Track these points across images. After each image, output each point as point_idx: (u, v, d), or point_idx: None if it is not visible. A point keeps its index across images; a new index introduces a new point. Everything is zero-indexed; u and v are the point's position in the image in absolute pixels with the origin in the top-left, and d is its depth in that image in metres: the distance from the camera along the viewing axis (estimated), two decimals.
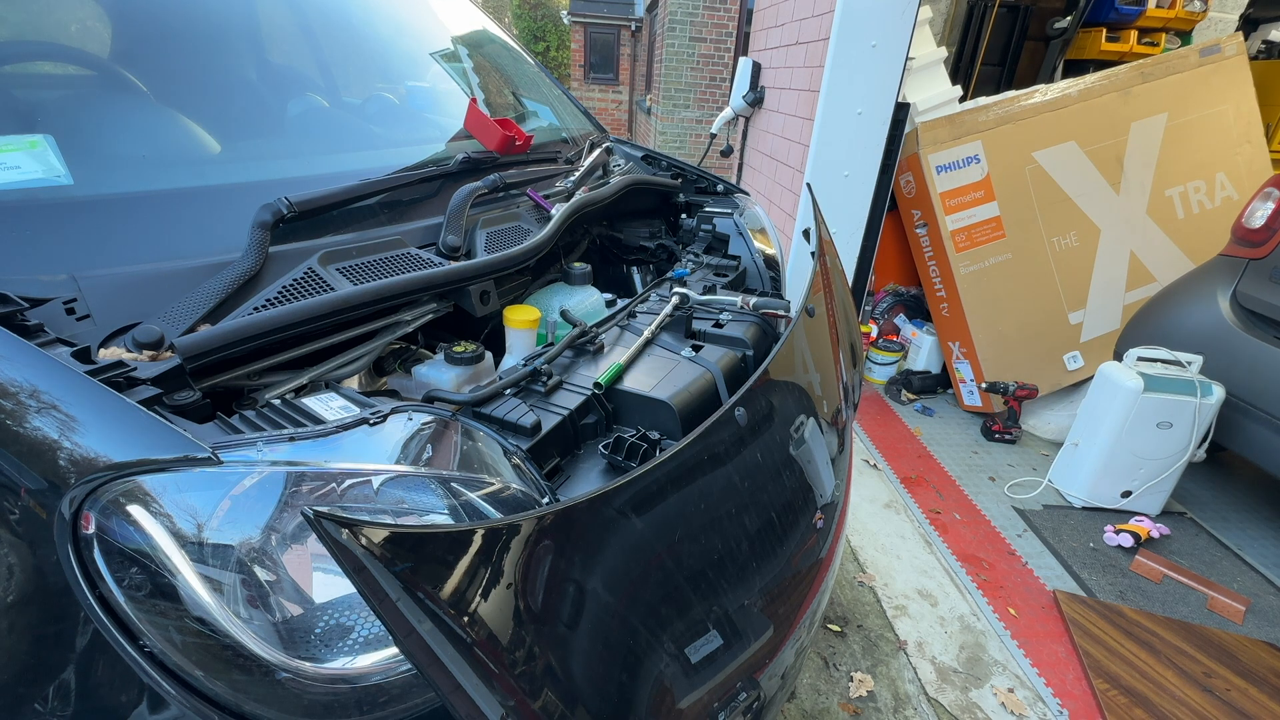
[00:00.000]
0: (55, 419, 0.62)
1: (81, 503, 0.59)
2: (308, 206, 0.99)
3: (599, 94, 13.35)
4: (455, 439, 0.81)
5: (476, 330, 1.36)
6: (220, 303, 0.85)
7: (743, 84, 4.02)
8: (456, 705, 0.55)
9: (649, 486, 0.77)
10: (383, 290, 0.96)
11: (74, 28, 1.11)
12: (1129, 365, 2.38)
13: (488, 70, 1.89)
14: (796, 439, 1.07)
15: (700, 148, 8.89)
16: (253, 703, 0.60)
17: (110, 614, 0.59)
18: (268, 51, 1.37)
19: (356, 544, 0.48)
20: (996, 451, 2.92)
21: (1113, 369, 2.38)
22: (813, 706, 1.67)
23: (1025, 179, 3.01)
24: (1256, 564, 2.29)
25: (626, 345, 1.15)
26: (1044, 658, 1.84)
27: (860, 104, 2.80)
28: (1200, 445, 2.28)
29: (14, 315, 0.70)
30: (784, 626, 0.97)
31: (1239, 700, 1.70)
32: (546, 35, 16.33)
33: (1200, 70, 3.05)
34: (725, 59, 8.76)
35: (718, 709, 0.81)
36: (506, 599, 0.60)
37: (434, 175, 1.25)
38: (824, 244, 1.40)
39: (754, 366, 1.17)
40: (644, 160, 1.92)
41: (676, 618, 0.78)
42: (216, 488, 0.61)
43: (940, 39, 4.35)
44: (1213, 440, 2.29)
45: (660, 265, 1.78)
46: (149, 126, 1.06)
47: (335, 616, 0.63)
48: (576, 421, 0.96)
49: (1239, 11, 4.65)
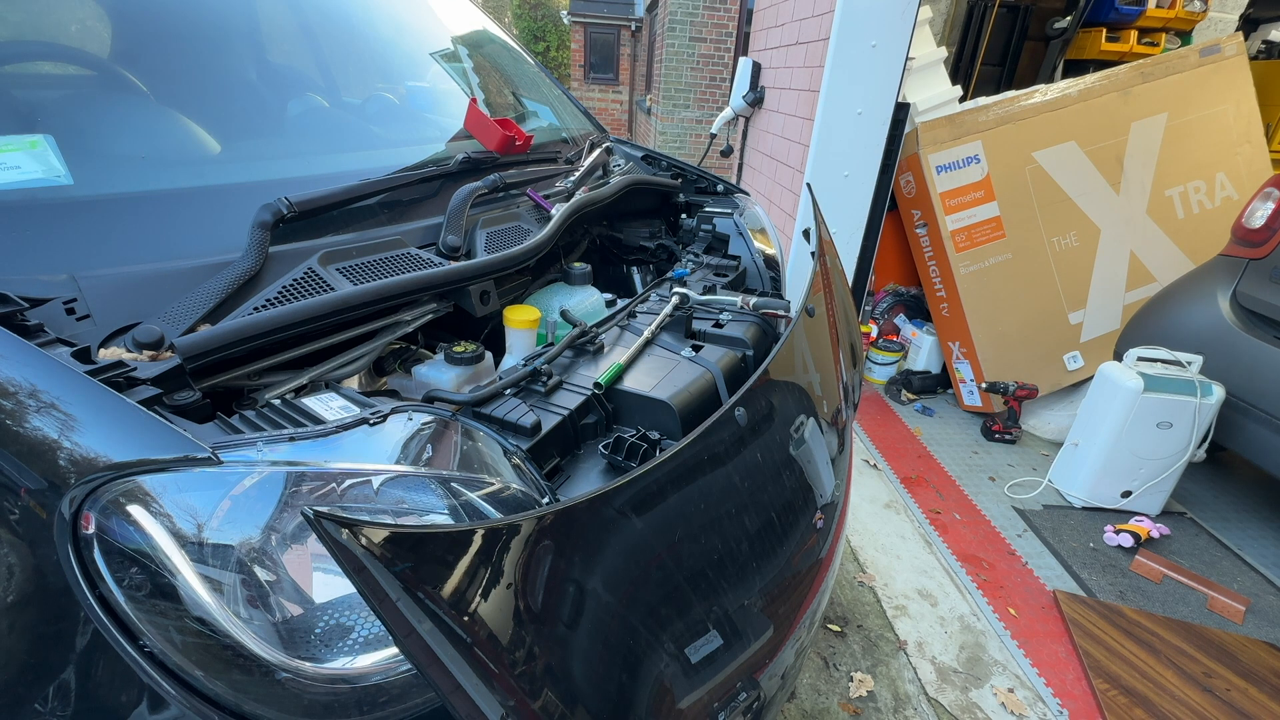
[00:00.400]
0: (55, 419, 0.62)
1: (81, 503, 0.59)
2: (308, 206, 0.99)
3: (599, 94, 13.35)
4: (455, 439, 0.81)
5: (476, 330, 1.36)
6: (220, 303, 0.85)
7: (743, 84, 4.02)
8: (456, 705, 0.55)
9: (649, 486, 0.77)
10: (383, 290, 0.96)
11: (74, 28, 1.11)
12: (1129, 365, 2.38)
13: (488, 70, 1.89)
14: (796, 439, 1.07)
15: (700, 148, 8.89)
16: (253, 703, 0.60)
17: (110, 614, 0.59)
18: (268, 51, 1.37)
19: (356, 544, 0.48)
20: (996, 451, 2.92)
21: (1113, 369, 2.38)
22: (813, 706, 1.67)
23: (1025, 179, 3.01)
24: (1256, 564, 2.29)
25: (626, 345, 1.15)
26: (1044, 658, 1.84)
27: (860, 104, 2.80)
28: (1200, 445, 2.28)
29: (14, 315, 0.70)
30: (784, 626, 0.97)
31: (1239, 700, 1.70)
32: (546, 35, 16.33)
33: (1200, 70, 3.05)
34: (725, 59, 8.76)
35: (718, 709, 0.81)
36: (506, 599, 0.60)
37: (434, 175, 1.25)
38: (824, 244, 1.40)
39: (754, 366, 1.17)
40: (644, 160, 1.92)
41: (676, 618, 0.78)
42: (216, 488, 0.61)
43: (940, 39, 4.35)
44: (1213, 440, 2.29)
45: (660, 265, 1.78)
46: (149, 126, 1.06)
47: (335, 616, 0.63)
48: (576, 421, 0.96)
49: (1239, 11, 4.65)
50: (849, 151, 2.88)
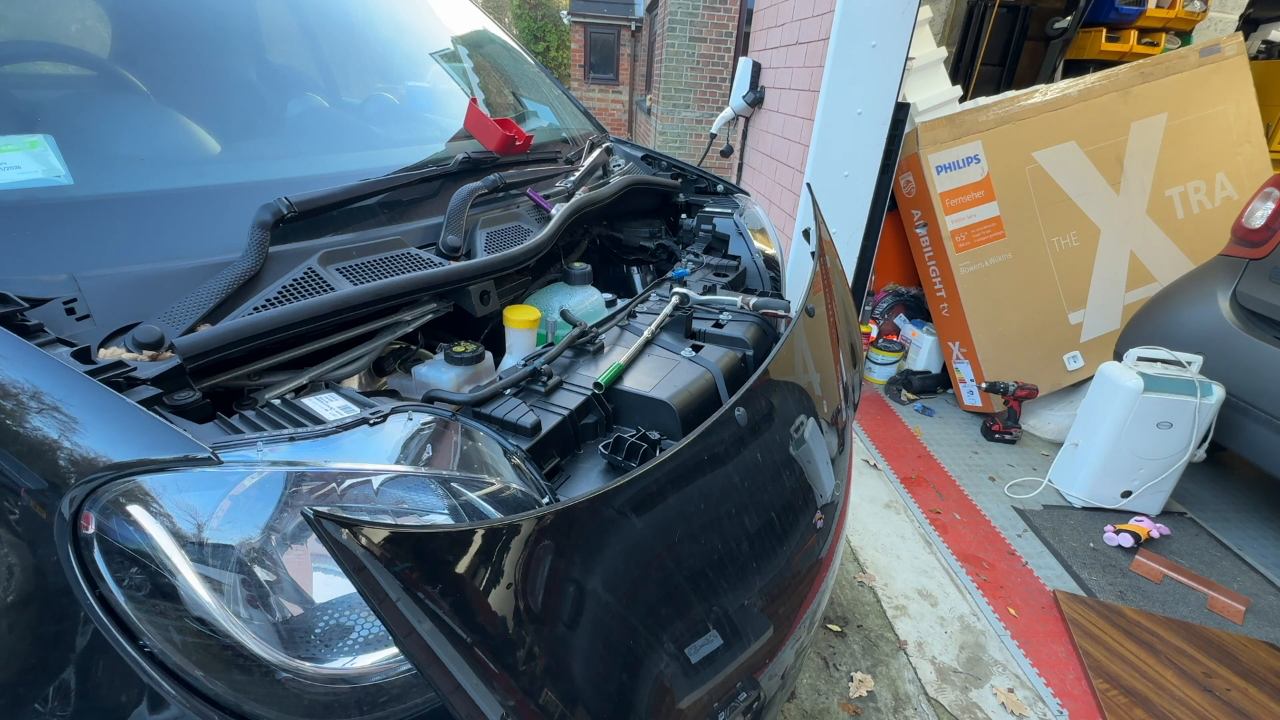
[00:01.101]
0: (55, 419, 0.62)
1: (81, 503, 0.59)
2: (308, 206, 0.99)
3: (599, 94, 13.35)
4: (455, 439, 0.81)
5: (476, 330, 1.36)
6: (220, 303, 0.85)
7: (743, 84, 4.02)
8: (456, 705, 0.55)
9: (649, 486, 0.77)
10: (383, 290, 0.96)
11: (74, 28, 1.11)
12: (1129, 365, 2.38)
13: (488, 70, 1.89)
14: (796, 439, 1.07)
15: (700, 148, 8.89)
16: (253, 703, 0.60)
17: (110, 614, 0.59)
18: (268, 51, 1.37)
19: (356, 544, 0.48)
20: (996, 451, 2.92)
21: (1113, 369, 2.38)
22: (813, 706, 1.67)
23: (1025, 179, 3.01)
24: (1256, 564, 2.29)
25: (626, 345, 1.15)
26: (1044, 658, 1.84)
27: (860, 104, 2.80)
28: (1200, 445, 2.28)
29: (14, 315, 0.70)
30: (784, 626, 0.97)
31: (1239, 700, 1.70)
32: (546, 35, 16.33)
33: (1200, 70, 3.04)
34: (725, 59, 8.76)
35: (718, 709, 0.81)
36: (506, 599, 0.60)
37: (434, 175, 1.25)
38: (824, 244, 1.40)
39: (754, 366, 1.17)
40: (644, 160, 1.92)
41: (676, 618, 0.78)
42: (216, 488, 0.61)
43: (940, 39, 4.35)
44: (1213, 440, 2.29)
45: (660, 265, 1.78)
46: (149, 126, 1.06)
47: (335, 616, 0.63)
48: (576, 421, 0.96)
49: (1239, 11, 4.65)
50: (849, 151, 2.88)
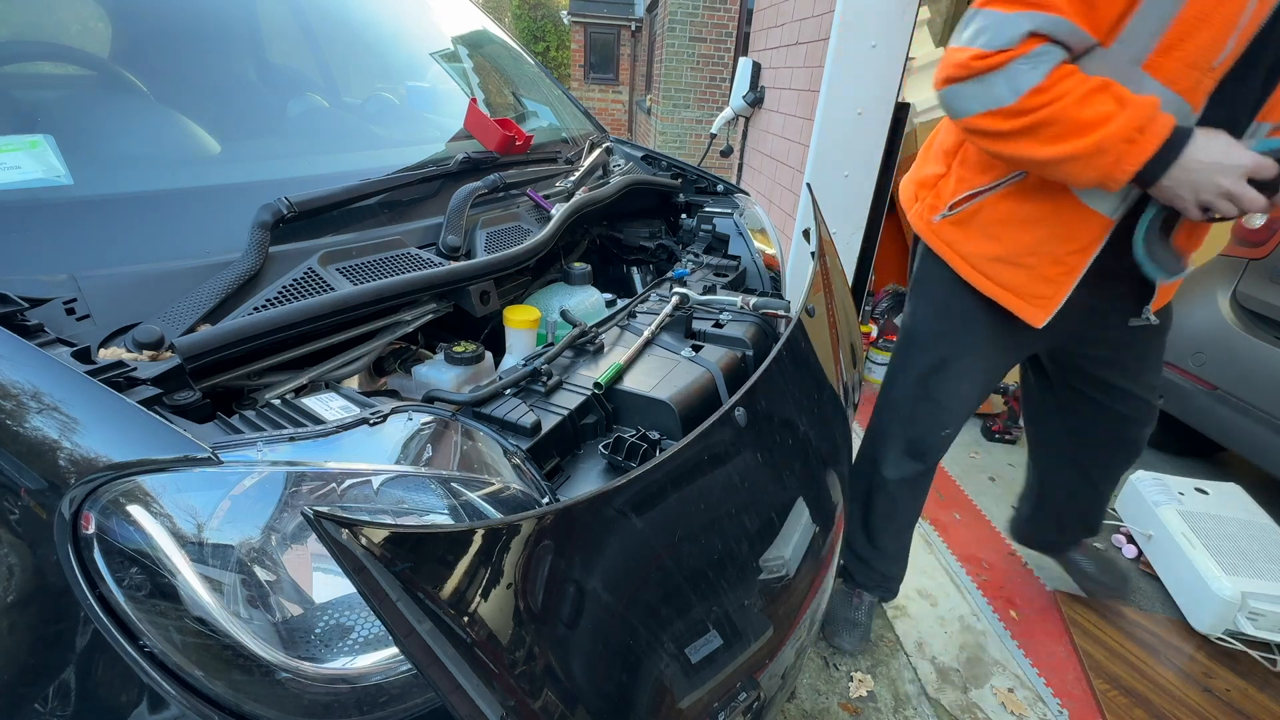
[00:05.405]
0: (55, 419, 0.62)
1: (81, 503, 0.59)
2: (308, 206, 0.99)
3: (599, 94, 13.36)
4: (455, 439, 0.81)
5: (476, 330, 1.36)
6: (220, 303, 0.85)
7: (743, 84, 4.02)
8: (456, 705, 0.55)
9: (649, 486, 0.77)
10: (383, 290, 0.96)
11: (74, 28, 1.11)
12: None
13: (488, 70, 1.89)
14: (796, 439, 1.07)
15: (700, 148, 8.89)
16: (253, 703, 0.60)
17: (110, 614, 0.59)
18: (268, 51, 1.37)
19: (356, 544, 0.48)
20: (996, 451, 2.92)
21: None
22: (813, 706, 1.67)
23: None
24: None
25: (626, 345, 1.15)
26: (1044, 658, 1.84)
27: (860, 104, 2.79)
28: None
29: (14, 315, 0.70)
30: (784, 626, 0.96)
31: (1239, 701, 1.70)
32: (546, 35, 16.34)
33: None
34: (725, 59, 8.77)
35: (718, 709, 0.81)
36: (506, 599, 0.60)
37: (434, 175, 1.25)
38: (824, 244, 1.40)
39: (754, 366, 1.17)
40: (644, 160, 1.92)
41: (676, 618, 0.78)
42: (216, 488, 0.61)
43: (940, 39, 4.35)
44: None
45: (660, 265, 1.78)
46: (149, 126, 1.06)
47: (335, 616, 0.63)
48: (576, 421, 0.96)
49: None
50: (849, 151, 2.88)
